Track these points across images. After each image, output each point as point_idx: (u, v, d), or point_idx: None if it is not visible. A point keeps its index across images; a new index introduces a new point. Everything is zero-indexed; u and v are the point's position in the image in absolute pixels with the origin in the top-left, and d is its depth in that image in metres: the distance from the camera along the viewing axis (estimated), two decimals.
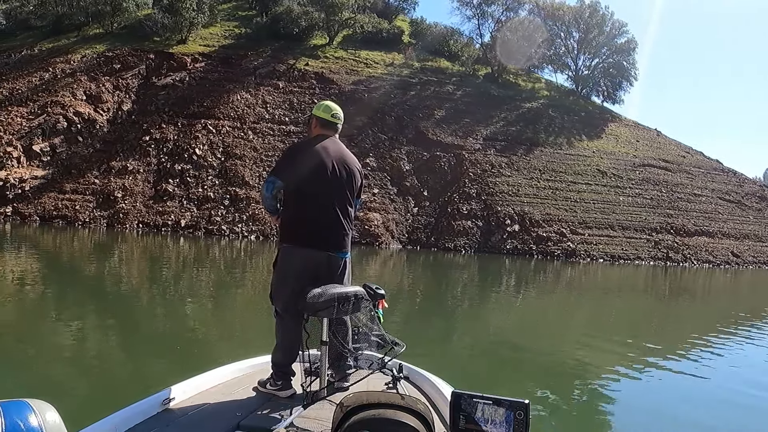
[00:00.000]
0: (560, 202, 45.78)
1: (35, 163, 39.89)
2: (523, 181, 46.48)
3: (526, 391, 9.96)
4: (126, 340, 11.74)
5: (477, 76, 58.14)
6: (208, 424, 4.05)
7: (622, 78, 64.02)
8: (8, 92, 44.12)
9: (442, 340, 14.02)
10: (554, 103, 57.38)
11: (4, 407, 1.85)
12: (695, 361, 12.93)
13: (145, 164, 41.63)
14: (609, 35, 63.50)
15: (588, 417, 8.98)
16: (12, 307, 14.17)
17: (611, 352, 13.70)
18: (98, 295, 16.58)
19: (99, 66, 47.41)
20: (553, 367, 12.16)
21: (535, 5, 61.93)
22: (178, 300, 17.05)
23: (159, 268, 24.35)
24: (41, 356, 10.00)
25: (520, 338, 15.13)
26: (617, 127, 58.25)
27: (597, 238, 44.39)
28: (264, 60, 51.41)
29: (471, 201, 43.95)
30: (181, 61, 49.19)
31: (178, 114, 44.83)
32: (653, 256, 45.08)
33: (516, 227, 42.93)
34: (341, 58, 53.87)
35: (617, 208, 47.41)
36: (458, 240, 41.76)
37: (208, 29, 54.53)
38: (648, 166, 53.03)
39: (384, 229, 40.91)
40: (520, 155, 48.89)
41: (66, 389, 8.08)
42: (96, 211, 38.73)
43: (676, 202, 50.33)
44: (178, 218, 38.88)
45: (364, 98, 48.96)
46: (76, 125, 41.96)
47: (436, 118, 49.81)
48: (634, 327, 18.49)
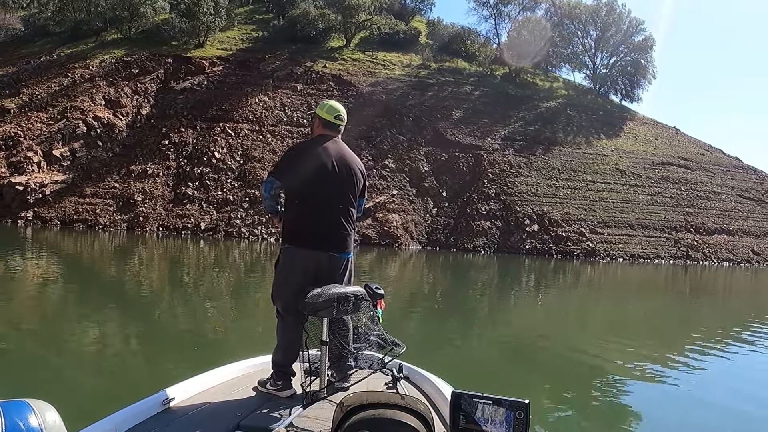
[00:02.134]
0: (579, 202, 45.67)
1: (55, 167, 40.05)
2: (541, 180, 46.40)
3: (544, 390, 9.99)
4: (138, 341, 11.76)
5: (494, 76, 57.96)
6: (208, 424, 4.06)
7: (639, 76, 63.62)
8: (28, 98, 44.32)
9: (461, 341, 13.99)
10: (572, 102, 57.17)
11: (4, 407, 1.87)
12: (714, 363, 12.81)
13: (165, 168, 41.74)
14: (626, 33, 63.24)
15: (604, 417, 8.98)
16: (28, 309, 14.24)
17: (631, 353, 13.61)
18: (115, 297, 16.54)
19: (117, 71, 47.55)
20: (572, 367, 12.10)
21: (551, 4, 61.75)
22: (197, 301, 17.07)
23: (178, 271, 24.41)
24: (48, 356, 10.06)
25: (540, 338, 15.07)
26: (636, 126, 57.99)
27: (616, 238, 44.29)
28: (281, 63, 51.46)
29: (490, 201, 43.90)
30: (199, 65, 49.31)
31: (196, 118, 44.92)
32: (673, 254, 44.96)
33: (535, 227, 42.87)
34: (358, 59, 53.87)
35: (636, 206, 47.26)
36: (477, 240, 41.73)
37: (225, 33, 54.60)
38: (667, 165, 52.82)
39: (403, 230, 40.92)
40: (539, 155, 48.78)
41: (70, 389, 8.12)
42: (116, 214, 38.85)
43: (696, 200, 50.14)
44: (198, 221, 38.99)
45: (382, 99, 48.98)
46: (96, 130, 42.09)
47: (454, 119, 49.76)
48: (655, 327, 18.40)
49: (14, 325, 12.43)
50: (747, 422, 9.04)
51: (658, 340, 15.73)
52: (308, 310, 4.47)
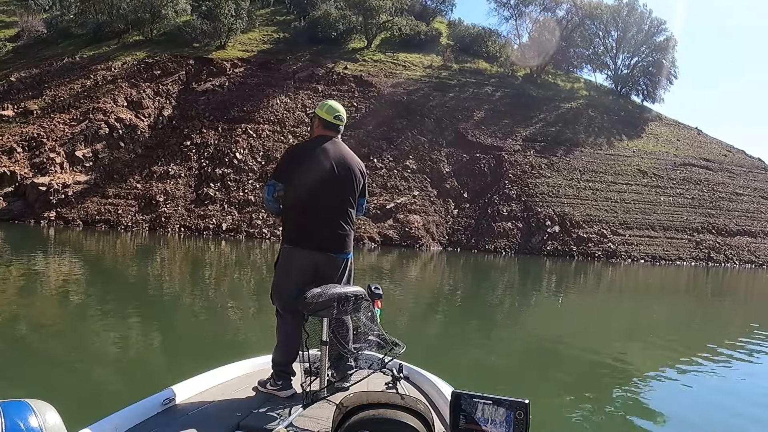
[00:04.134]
0: (601, 203, 45.52)
1: (78, 168, 40.26)
2: (563, 181, 46.28)
3: (563, 391, 10.02)
4: (146, 341, 11.82)
5: (515, 76, 57.80)
6: (208, 424, 4.08)
7: (661, 76, 63.31)
8: (51, 99, 44.56)
9: (481, 343, 14.02)
10: (593, 103, 56.92)
11: (5, 407, 1.89)
12: (738, 367, 12.70)
13: (187, 169, 41.88)
14: (648, 33, 62.86)
15: (624, 420, 8.96)
16: (43, 307, 14.38)
17: (652, 356, 13.62)
18: (133, 297, 16.64)
19: (139, 72, 47.72)
20: (592, 369, 12.10)
21: (572, 4, 61.47)
22: (217, 301, 17.18)
23: (199, 271, 24.52)
24: (52, 355, 10.18)
25: (560, 340, 15.06)
26: (657, 126, 57.68)
27: (638, 239, 44.13)
28: (303, 64, 51.47)
29: (511, 202, 43.83)
30: (220, 66, 49.43)
31: (218, 119, 45.02)
32: (694, 256, 44.73)
33: (556, 228, 42.77)
34: (379, 60, 53.85)
35: (658, 208, 47.05)
36: (498, 242, 41.68)
37: (246, 34, 54.66)
38: (689, 166, 52.55)
39: (424, 231, 40.92)
40: (560, 156, 48.64)
41: (70, 389, 8.16)
42: (138, 215, 38.99)
43: (718, 201, 49.86)
44: (220, 222, 39.10)
45: (403, 101, 48.96)
46: (118, 131, 42.26)
47: (476, 120, 49.68)
48: (677, 330, 18.33)
49: (29, 323, 12.58)
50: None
51: (681, 343, 15.66)
52: (308, 310, 4.48)
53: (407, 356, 5.04)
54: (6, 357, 9.78)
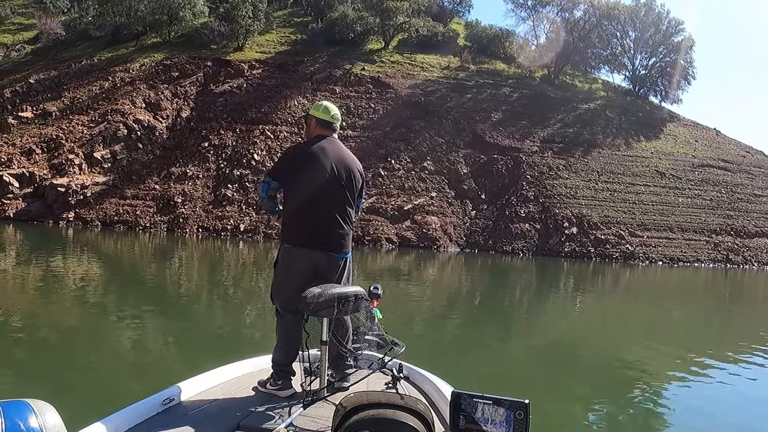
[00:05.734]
0: (618, 204, 45.35)
1: (96, 169, 40.50)
2: (580, 183, 46.15)
3: (581, 393, 10.04)
4: (154, 341, 11.83)
5: (533, 77, 57.68)
6: (208, 424, 4.08)
7: (679, 77, 63.01)
8: (69, 101, 44.89)
9: (497, 345, 14.08)
10: (611, 104, 56.73)
11: (5, 407, 1.88)
12: (756, 372, 12.55)
13: (205, 170, 42.04)
14: (665, 34, 62.48)
15: (639, 423, 8.97)
16: (55, 308, 14.44)
17: (669, 359, 13.56)
18: (148, 297, 16.82)
19: (157, 74, 47.96)
20: (609, 371, 12.17)
21: (590, 5, 61.25)
22: (232, 301, 17.37)
23: (215, 272, 24.75)
24: (55, 355, 10.23)
25: (577, 342, 15.09)
26: (675, 127, 57.39)
27: (656, 241, 43.95)
28: (320, 65, 51.54)
29: (528, 204, 43.74)
30: (238, 68, 49.59)
31: (236, 120, 45.18)
32: (713, 258, 44.49)
33: (574, 230, 42.66)
34: (397, 62, 53.82)
35: (676, 209, 46.83)
36: (516, 243, 41.60)
37: (264, 36, 54.75)
38: (707, 167, 52.24)
39: (442, 232, 40.91)
40: (578, 157, 48.49)
41: (71, 389, 8.19)
42: (156, 216, 39.18)
43: (736, 202, 49.55)
44: (237, 223, 39.21)
45: (421, 102, 48.95)
46: (136, 132, 42.56)
47: (493, 121, 49.59)
48: (695, 332, 18.31)
49: (38, 322, 12.66)
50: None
51: (699, 346, 15.59)
52: (308, 310, 4.49)
53: (414, 357, 5.06)
54: (5, 357, 9.81)
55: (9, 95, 45.28)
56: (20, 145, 40.87)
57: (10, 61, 51.63)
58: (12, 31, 57.03)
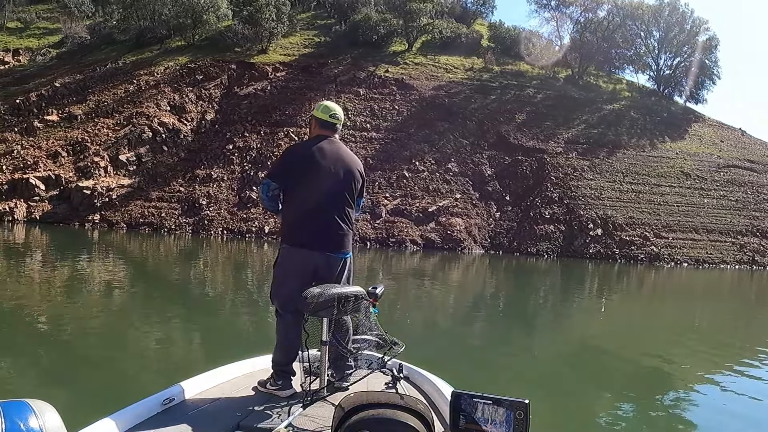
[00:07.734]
0: (643, 205, 45.12)
1: (122, 172, 40.85)
2: (605, 184, 45.94)
3: (605, 396, 10.02)
4: (160, 341, 11.83)
5: (557, 78, 57.50)
6: (208, 424, 4.11)
7: (704, 77, 62.56)
8: (95, 104, 45.33)
9: (523, 346, 14.09)
10: (636, 104, 56.38)
11: (5, 408, 1.90)
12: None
13: (229, 172, 42.23)
14: (690, 33, 61.99)
15: (662, 426, 8.95)
16: (70, 308, 14.54)
17: (695, 361, 13.50)
18: (170, 298, 17.02)
19: (182, 77, 48.24)
20: (635, 373, 12.12)
21: (614, 5, 61.01)
22: (252, 301, 17.40)
23: (240, 273, 24.97)
24: (58, 355, 10.29)
25: (606, 344, 15.05)
26: (701, 128, 56.95)
27: (681, 242, 43.69)
28: (344, 68, 51.60)
29: (553, 205, 43.61)
30: (262, 70, 49.79)
31: (260, 122, 45.37)
32: (738, 259, 44.16)
33: (599, 231, 42.50)
34: (421, 63, 53.77)
35: (701, 210, 46.51)
36: (540, 245, 41.50)
37: (287, 39, 54.93)
38: (733, 167, 51.82)
39: (467, 234, 40.87)
40: (602, 158, 48.24)
41: (71, 389, 8.22)
42: (181, 218, 39.42)
43: (762, 203, 49.12)
44: (262, 225, 39.32)
45: (445, 103, 48.90)
46: (161, 135, 42.89)
47: (517, 122, 49.43)
48: (722, 335, 18.21)
49: (49, 323, 12.74)
50: None
51: (725, 349, 15.53)
52: (308, 310, 4.51)
53: (418, 357, 5.07)
54: (6, 357, 9.84)
55: (35, 99, 45.78)
56: (46, 148, 41.29)
57: (35, 65, 52.21)
58: (37, 36, 57.62)
